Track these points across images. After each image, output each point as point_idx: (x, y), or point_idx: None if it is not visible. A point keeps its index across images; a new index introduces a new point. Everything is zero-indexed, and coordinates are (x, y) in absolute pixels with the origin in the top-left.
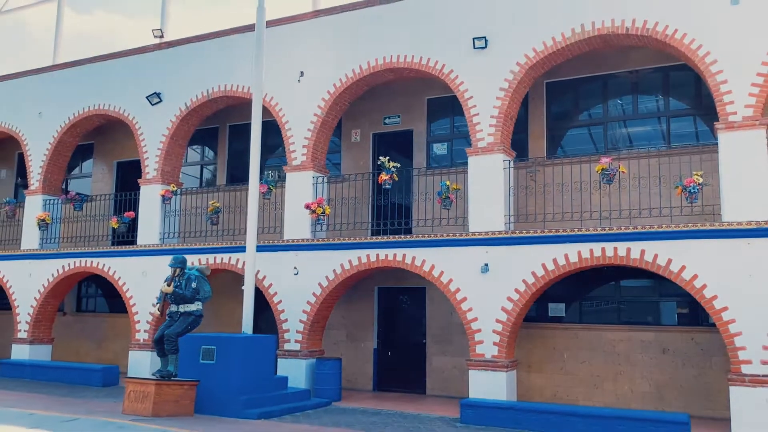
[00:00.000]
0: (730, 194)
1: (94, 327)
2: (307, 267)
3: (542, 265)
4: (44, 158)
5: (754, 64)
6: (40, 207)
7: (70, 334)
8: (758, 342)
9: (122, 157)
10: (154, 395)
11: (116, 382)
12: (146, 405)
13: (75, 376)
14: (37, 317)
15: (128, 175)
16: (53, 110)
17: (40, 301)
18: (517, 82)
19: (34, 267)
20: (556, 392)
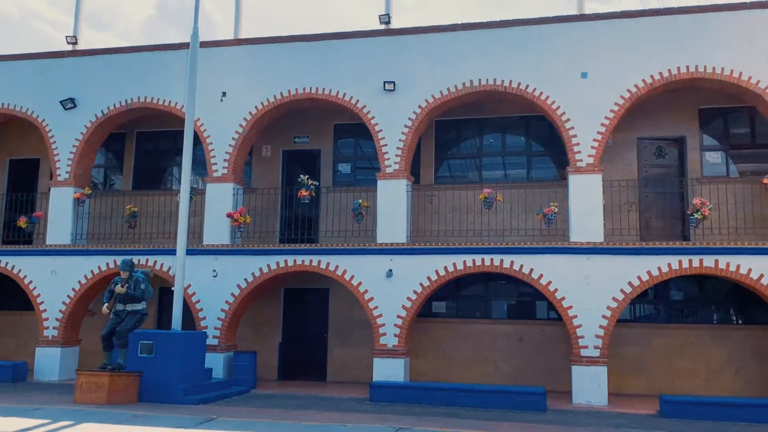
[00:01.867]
0: (576, 221)
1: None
2: (227, 270)
3: (435, 272)
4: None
5: (596, 123)
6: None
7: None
8: (592, 332)
9: (15, 155)
10: (108, 385)
11: (25, 378)
12: (100, 395)
13: None
14: None
15: (21, 172)
16: None
17: None
18: (419, 121)
19: None
20: (438, 374)
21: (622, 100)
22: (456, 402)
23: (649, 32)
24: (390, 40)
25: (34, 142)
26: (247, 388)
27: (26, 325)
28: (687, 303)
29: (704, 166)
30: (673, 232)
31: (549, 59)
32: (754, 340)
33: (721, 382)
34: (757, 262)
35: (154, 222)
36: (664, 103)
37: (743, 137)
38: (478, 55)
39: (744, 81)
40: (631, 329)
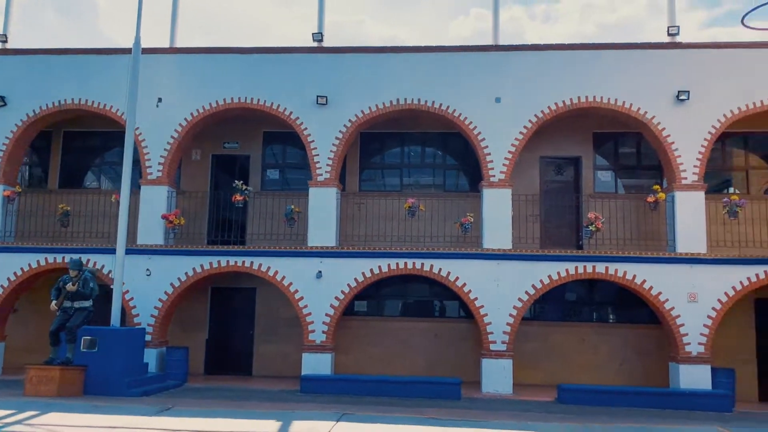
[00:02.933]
0: (488, 230)
1: None
2: (160, 269)
3: (362, 273)
4: None
5: (507, 143)
6: None
7: None
8: (500, 329)
9: None
10: (59, 379)
11: None
12: (50, 387)
13: None
14: None
15: None
16: None
17: None
18: (349, 133)
19: None
20: (359, 368)
21: (530, 124)
22: (380, 392)
23: (555, 64)
24: (323, 57)
25: None
26: (180, 382)
27: None
28: (579, 304)
29: (596, 184)
30: (569, 240)
31: (467, 84)
32: (635, 337)
33: (607, 373)
34: (641, 269)
35: (85, 221)
36: (564, 126)
37: (630, 159)
38: (405, 76)
39: (632, 111)
40: (531, 327)
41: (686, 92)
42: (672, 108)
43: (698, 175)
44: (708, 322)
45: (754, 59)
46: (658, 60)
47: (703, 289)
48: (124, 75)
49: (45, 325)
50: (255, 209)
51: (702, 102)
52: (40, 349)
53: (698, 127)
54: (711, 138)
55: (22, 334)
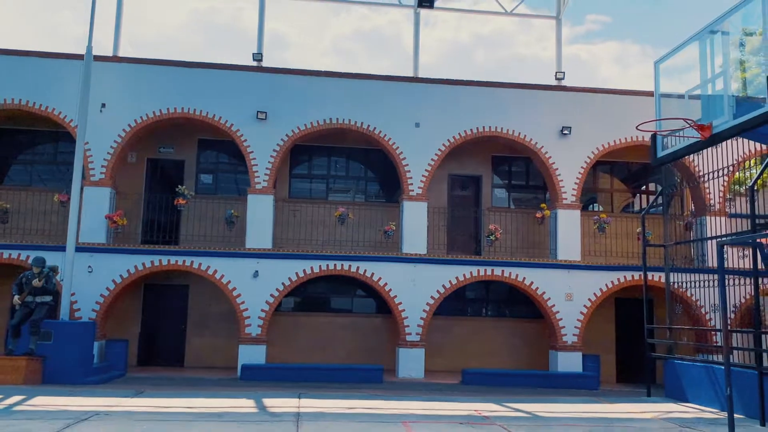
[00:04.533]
0: (407, 237)
1: None
2: (102, 266)
3: (295, 273)
4: None
5: (425, 162)
6: None
7: None
8: (415, 322)
9: None
10: (25, 368)
11: None
12: (17, 376)
13: None
14: None
15: None
16: None
17: None
18: (286, 147)
19: None
20: (285, 359)
21: (443, 147)
22: (312, 378)
23: (466, 97)
24: (263, 75)
25: None
26: (122, 372)
27: None
28: (477, 301)
29: (494, 199)
30: (470, 247)
31: (391, 108)
32: (522, 330)
33: (499, 359)
34: (529, 272)
35: (23, 218)
36: (469, 148)
37: (521, 179)
38: (337, 97)
39: (526, 141)
40: (437, 321)
41: (569, 128)
42: (557, 140)
43: (576, 197)
44: (580, 317)
45: (620, 104)
46: (548, 99)
47: (577, 290)
48: (68, 79)
49: None
50: (190, 212)
51: (580, 136)
52: None
53: (577, 156)
54: (587, 166)
55: None
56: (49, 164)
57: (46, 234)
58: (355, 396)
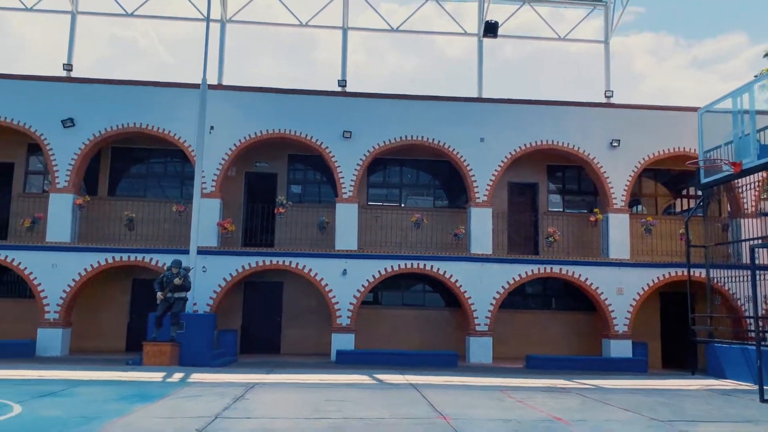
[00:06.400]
0: (474, 239)
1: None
2: (214, 267)
3: (377, 271)
4: None
5: (489, 172)
6: None
7: None
8: (483, 314)
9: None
10: (169, 353)
11: (33, 354)
12: (163, 359)
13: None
14: None
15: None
16: None
17: None
18: (368, 161)
19: None
20: (367, 346)
21: (505, 158)
22: (395, 362)
23: (525, 114)
24: (347, 99)
25: (9, 148)
26: (234, 358)
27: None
28: (536, 296)
29: (549, 204)
30: (528, 248)
31: (459, 126)
32: (576, 321)
33: (556, 347)
34: (584, 270)
35: (145, 225)
36: (526, 158)
37: (574, 184)
38: (411, 117)
39: (579, 152)
40: (501, 313)
41: (618, 140)
42: (607, 151)
43: (625, 202)
44: (630, 309)
45: (664, 118)
46: (598, 115)
47: (627, 285)
48: (181, 105)
49: (104, 314)
50: (283, 218)
51: (628, 148)
52: (99, 334)
53: (625, 166)
54: (634, 174)
55: (82, 321)
56: (161, 178)
57: (160, 239)
58: (444, 374)
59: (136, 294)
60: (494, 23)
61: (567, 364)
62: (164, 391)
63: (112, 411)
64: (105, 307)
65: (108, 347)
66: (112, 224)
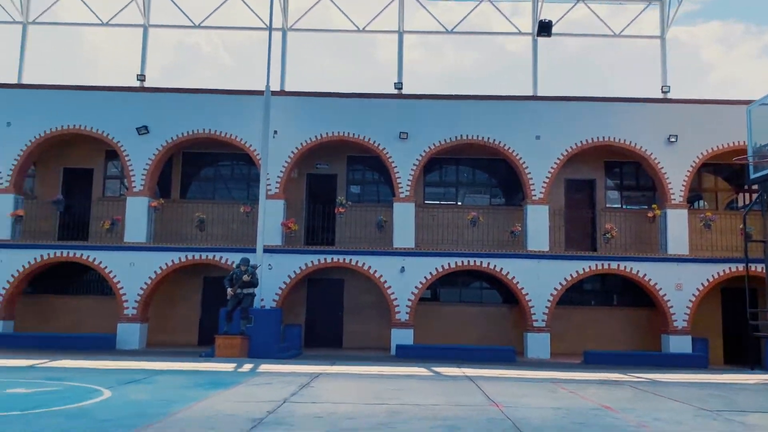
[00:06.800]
0: (531, 237)
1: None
2: (279, 264)
3: (435, 268)
4: (14, 163)
5: (545, 170)
6: (11, 204)
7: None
8: (541, 310)
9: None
10: (240, 345)
11: (114, 347)
12: (234, 351)
13: (90, 342)
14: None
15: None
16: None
17: (13, 284)
18: (424, 161)
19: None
20: (425, 341)
21: (561, 156)
22: (454, 356)
23: (581, 111)
24: (403, 101)
25: (89, 155)
26: (299, 351)
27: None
28: (594, 292)
29: (606, 200)
30: (586, 244)
31: (514, 124)
32: (634, 316)
33: (614, 343)
34: (642, 266)
35: (213, 226)
36: (583, 155)
37: (631, 180)
38: (466, 116)
39: (636, 148)
40: (558, 309)
41: (675, 136)
42: (664, 147)
43: (683, 197)
44: (689, 305)
45: (722, 113)
46: (655, 111)
47: (686, 281)
48: (246, 111)
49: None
50: (342, 217)
51: (686, 143)
52: (173, 328)
53: (683, 161)
54: (692, 169)
55: (157, 317)
56: (228, 180)
57: (228, 239)
58: (502, 368)
59: (207, 291)
60: (548, 22)
61: (625, 359)
62: (236, 380)
63: (191, 396)
64: (178, 303)
65: (181, 341)
66: (185, 225)
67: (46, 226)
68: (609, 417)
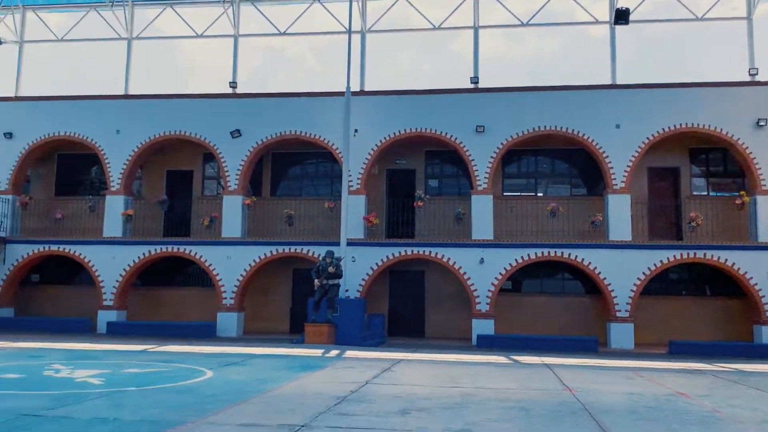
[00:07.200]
0: (613, 226)
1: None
2: (361, 257)
3: (514, 259)
4: (124, 167)
5: (626, 159)
6: (122, 205)
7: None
8: (624, 300)
9: (172, 167)
10: (326, 333)
11: (215, 335)
12: (321, 339)
13: (193, 330)
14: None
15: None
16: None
17: (125, 277)
18: (501, 153)
19: (117, 251)
20: (506, 331)
21: (643, 144)
22: (535, 346)
23: (662, 99)
24: (479, 95)
25: (189, 158)
26: (382, 339)
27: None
28: (679, 281)
29: (692, 187)
30: (670, 233)
31: (592, 113)
32: (722, 306)
33: (702, 333)
34: (731, 254)
35: (299, 221)
36: (666, 143)
37: (718, 166)
38: (543, 108)
39: (722, 134)
40: (642, 299)
41: (765, 119)
42: (753, 131)
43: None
44: None
45: None
46: (742, 95)
47: None
48: (328, 112)
49: (270, 300)
50: (421, 211)
51: None
52: (267, 317)
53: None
54: None
55: (253, 306)
56: (313, 178)
57: (315, 233)
58: (582, 357)
59: (297, 282)
60: (625, 10)
61: (712, 350)
62: (323, 364)
63: (283, 377)
64: (271, 293)
65: (275, 329)
66: (275, 221)
67: (153, 224)
68: (682, 402)
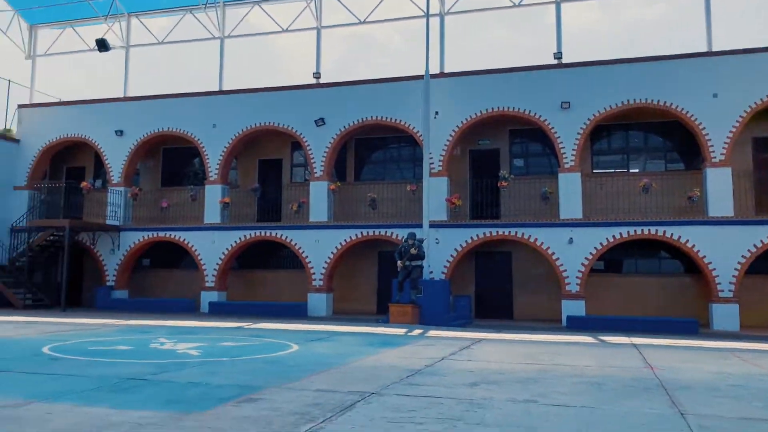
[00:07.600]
0: (712, 202)
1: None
2: (445, 239)
3: (605, 239)
4: (220, 158)
5: (725, 130)
6: (219, 193)
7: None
8: (727, 280)
9: (263, 156)
10: (411, 313)
11: (306, 315)
12: (406, 318)
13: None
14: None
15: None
16: (225, 124)
17: (224, 260)
18: (588, 129)
19: (216, 236)
20: (600, 311)
21: (744, 113)
22: (629, 327)
23: (763, 64)
24: (564, 71)
25: (278, 147)
26: (468, 320)
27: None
28: None
29: None
30: None
31: (685, 83)
32: None
33: None
34: None
35: (382, 204)
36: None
37: None
38: (632, 80)
39: None
40: (750, 278)
41: None
42: None
43: None
44: None
45: None
46: None
47: None
48: (409, 95)
49: (357, 281)
50: (506, 191)
51: None
52: (355, 297)
53: None
54: None
55: (341, 287)
56: (396, 162)
57: (398, 216)
58: (677, 338)
59: (382, 264)
60: None
61: None
62: (404, 341)
63: (364, 352)
64: (358, 275)
65: (362, 309)
66: (359, 205)
67: (247, 210)
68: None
